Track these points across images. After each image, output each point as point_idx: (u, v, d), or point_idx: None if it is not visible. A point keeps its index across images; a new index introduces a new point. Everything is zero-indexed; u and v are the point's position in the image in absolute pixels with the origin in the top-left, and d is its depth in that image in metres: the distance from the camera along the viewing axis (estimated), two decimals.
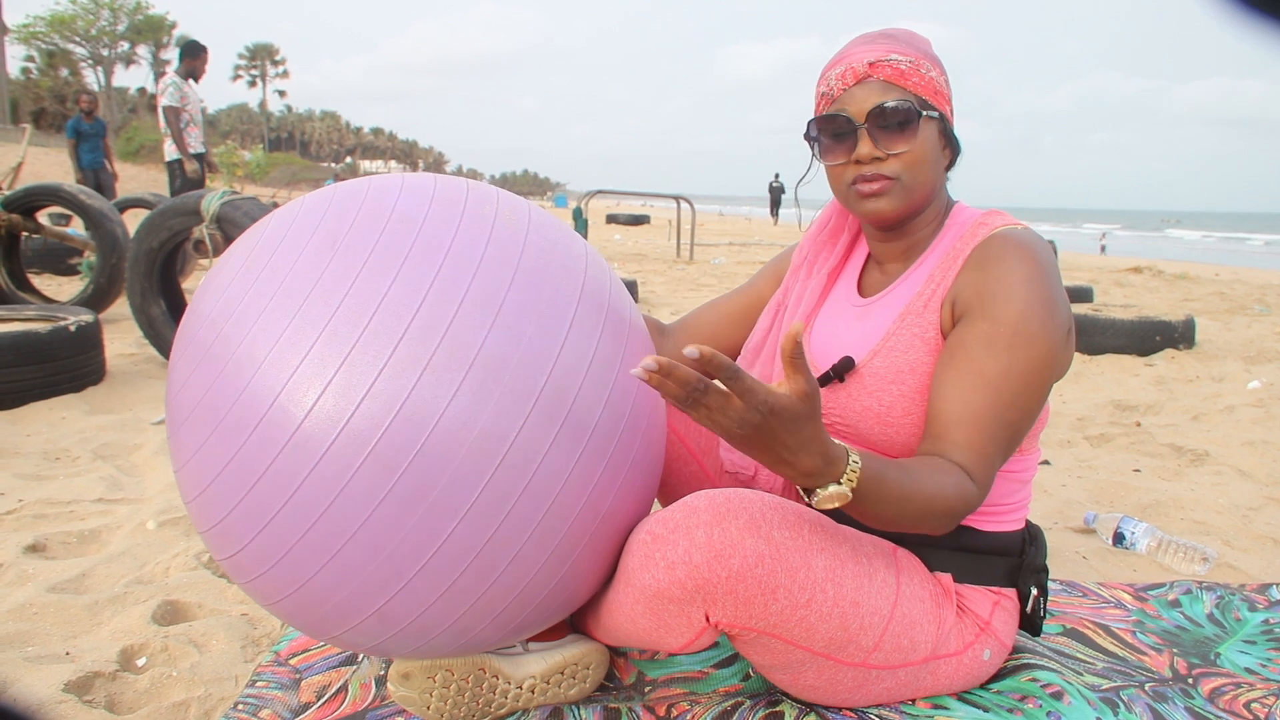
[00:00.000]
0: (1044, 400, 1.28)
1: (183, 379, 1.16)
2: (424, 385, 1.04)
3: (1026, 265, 1.26)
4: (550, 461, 1.10)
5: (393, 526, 1.05)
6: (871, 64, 1.31)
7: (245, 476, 1.08)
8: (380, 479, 1.04)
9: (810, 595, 1.18)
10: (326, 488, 1.04)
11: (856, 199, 1.35)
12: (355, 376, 1.04)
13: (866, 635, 1.24)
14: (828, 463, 1.03)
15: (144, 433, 3.19)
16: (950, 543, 1.37)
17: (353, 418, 1.03)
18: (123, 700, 1.50)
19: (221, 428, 1.09)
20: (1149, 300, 7.71)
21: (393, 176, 1.26)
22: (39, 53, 45.12)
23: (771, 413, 0.97)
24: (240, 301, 1.12)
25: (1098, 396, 3.98)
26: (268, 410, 1.06)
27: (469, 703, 1.33)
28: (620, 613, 1.27)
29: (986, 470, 1.20)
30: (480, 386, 1.06)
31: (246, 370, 1.07)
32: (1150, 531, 2.20)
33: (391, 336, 1.05)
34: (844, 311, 1.48)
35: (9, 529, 2.24)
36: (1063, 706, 1.35)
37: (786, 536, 1.18)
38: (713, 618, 1.18)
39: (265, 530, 1.09)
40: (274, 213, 1.26)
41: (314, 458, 1.04)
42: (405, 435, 1.04)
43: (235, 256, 1.21)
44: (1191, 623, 1.78)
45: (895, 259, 1.44)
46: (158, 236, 4.08)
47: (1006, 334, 1.23)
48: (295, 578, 1.11)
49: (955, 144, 1.39)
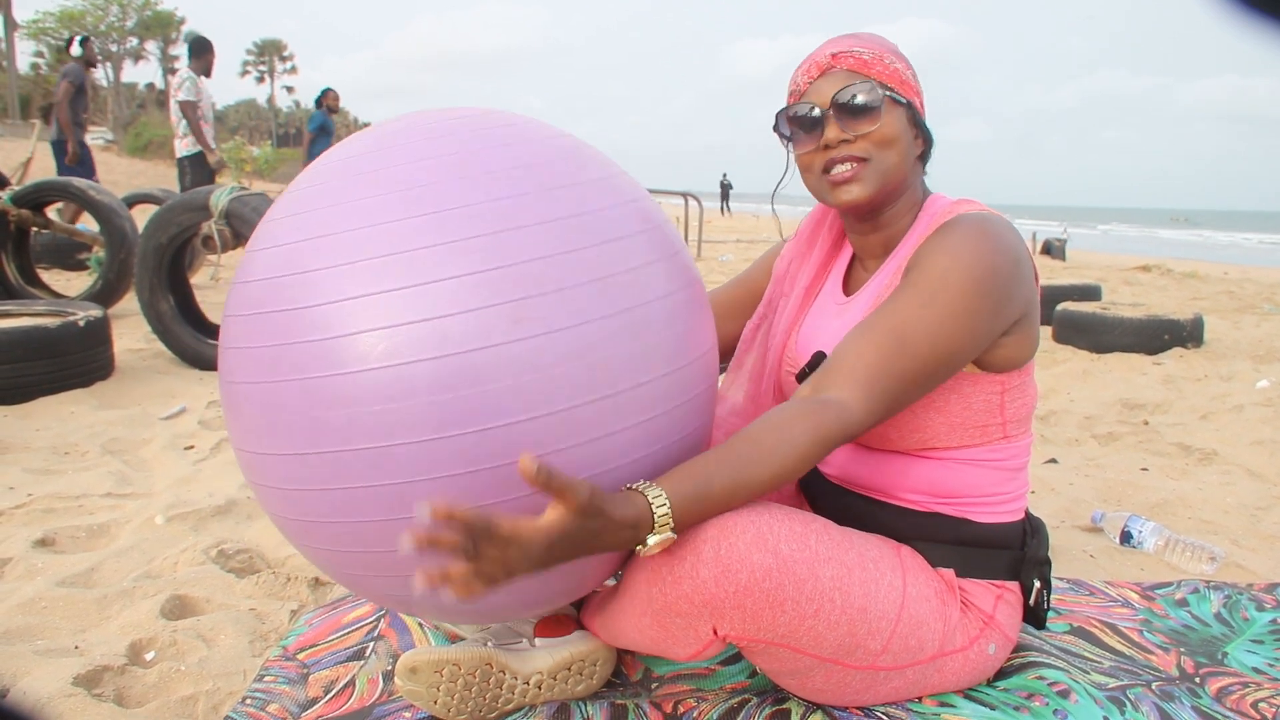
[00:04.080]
0: (945, 365, 1.24)
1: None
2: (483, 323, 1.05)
3: (970, 236, 1.26)
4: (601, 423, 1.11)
5: (441, 470, 1.07)
6: (834, 55, 1.34)
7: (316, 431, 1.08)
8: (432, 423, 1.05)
9: (818, 606, 1.19)
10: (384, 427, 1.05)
11: (829, 188, 1.35)
12: (410, 309, 1.05)
13: (874, 640, 1.24)
14: (634, 526, 1.07)
15: (153, 428, 3.20)
16: (949, 536, 1.37)
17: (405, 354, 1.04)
18: (131, 694, 1.51)
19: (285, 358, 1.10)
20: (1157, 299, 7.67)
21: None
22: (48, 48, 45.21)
23: (558, 540, 1.00)
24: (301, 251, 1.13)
25: (1106, 395, 3.97)
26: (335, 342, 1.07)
27: (476, 698, 1.33)
28: (627, 622, 1.28)
29: (866, 394, 1.19)
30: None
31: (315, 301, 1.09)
32: (1158, 530, 2.20)
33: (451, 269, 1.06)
34: (828, 310, 1.49)
35: (18, 523, 2.25)
36: (1069, 705, 1.35)
37: (793, 549, 1.18)
38: (720, 630, 1.19)
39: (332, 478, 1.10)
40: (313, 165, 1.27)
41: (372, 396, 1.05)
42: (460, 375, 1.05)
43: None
44: (1199, 622, 1.77)
45: (875, 254, 1.45)
46: (166, 232, 4.09)
47: (924, 285, 1.24)
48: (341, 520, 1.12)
49: (927, 134, 1.40)
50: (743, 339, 1.62)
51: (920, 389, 1.25)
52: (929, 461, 1.36)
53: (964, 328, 1.23)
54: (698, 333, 1.25)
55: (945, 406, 1.32)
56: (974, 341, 1.25)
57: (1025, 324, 1.31)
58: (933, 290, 1.23)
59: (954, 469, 1.36)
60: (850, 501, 1.42)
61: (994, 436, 1.36)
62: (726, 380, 1.62)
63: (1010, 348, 1.31)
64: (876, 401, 1.20)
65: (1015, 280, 1.27)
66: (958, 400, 1.33)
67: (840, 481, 1.45)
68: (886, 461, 1.38)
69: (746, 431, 1.18)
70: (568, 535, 1.01)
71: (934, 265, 1.25)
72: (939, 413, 1.33)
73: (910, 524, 1.37)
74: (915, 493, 1.38)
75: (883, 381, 1.20)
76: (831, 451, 1.19)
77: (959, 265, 1.23)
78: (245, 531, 2.21)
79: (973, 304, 1.23)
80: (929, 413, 1.32)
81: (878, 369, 1.20)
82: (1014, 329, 1.30)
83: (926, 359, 1.22)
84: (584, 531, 1.02)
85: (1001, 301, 1.25)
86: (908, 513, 1.38)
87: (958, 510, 1.37)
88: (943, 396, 1.32)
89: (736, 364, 1.62)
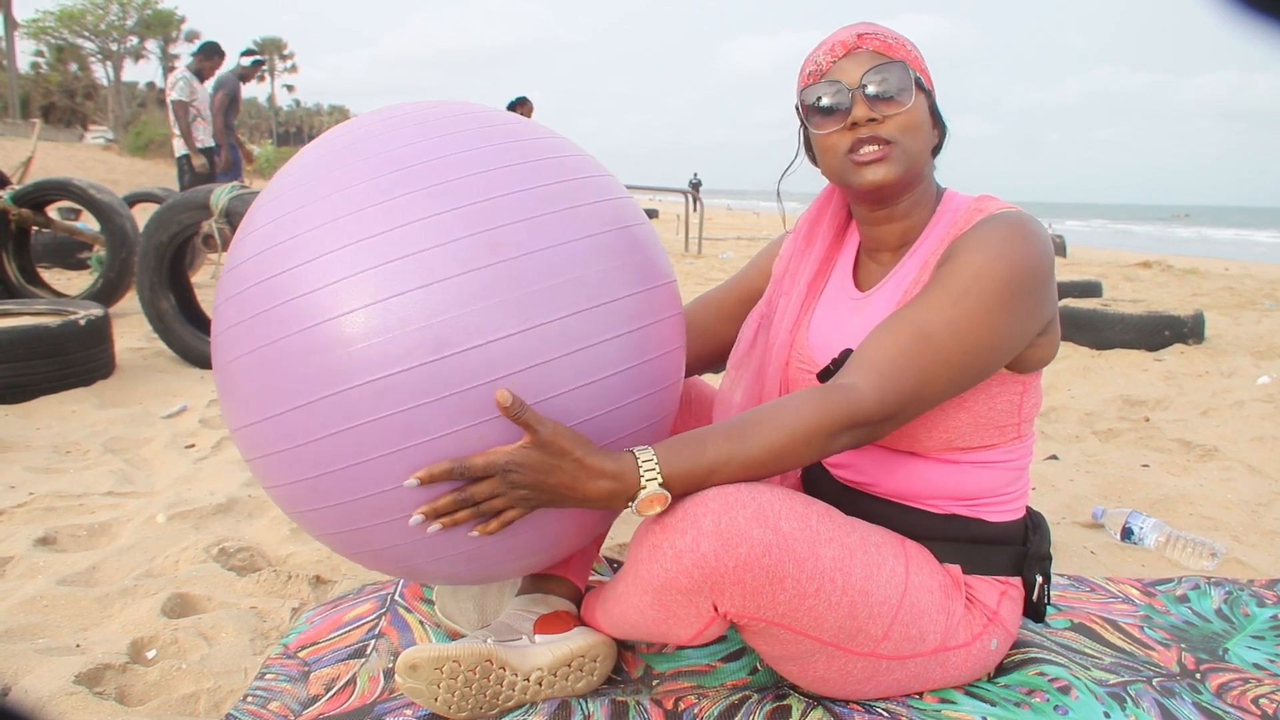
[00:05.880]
0: (974, 364, 1.23)
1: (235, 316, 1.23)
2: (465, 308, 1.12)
3: (1007, 235, 1.25)
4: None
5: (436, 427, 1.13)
6: (860, 35, 1.32)
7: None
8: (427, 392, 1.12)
9: (818, 585, 1.19)
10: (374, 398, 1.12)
11: (854, 169, 1.32)
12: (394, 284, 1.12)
13: (875, 625, 1.24)
14: (616, 478, 1.14)
15: (153, 426, 3.20)
16: (963, 535, 1.37)
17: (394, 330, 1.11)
18: (133, 692, 1.51)
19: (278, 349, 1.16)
20: (1158, 295, 7.67)
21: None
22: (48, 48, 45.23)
23: (518, 466, 1.12)
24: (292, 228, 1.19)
25: (1106, 391, 3.97)
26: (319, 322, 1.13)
27: (476, 695, 1.33)
28: (628, 604, 1.27)
29: (878, 381, 1.19)
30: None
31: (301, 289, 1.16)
32: (1159, 527, 2.20)
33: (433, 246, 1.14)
34: (842, 305, 1.47)
35: (20, 522, 2.25)
36: (1070, 701, 1.35)
37: (794, 527, 1.18)
38: (721, 608, 1.19)
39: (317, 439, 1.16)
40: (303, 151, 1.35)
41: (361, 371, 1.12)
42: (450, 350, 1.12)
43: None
44: (1200, 618, 1.77)
45: (888, 247, 1.42)
46: (167, 231, 4.09)
47: (956, 282, 1.23)
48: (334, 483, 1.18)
49: (943, 125, 1.39)
50: (741, 338, 1.59)
51: (948, 386, 1.23)
52: (949, 465, 1.36)
53: (993, 329, 1.22)
54: (658, 262, 1.34)
55: (973, 405, 1.32)
56: (1008, 342, 1.24)
57: (1054, 325, 1.32)
58: (965, 287, 1.22)
59: (972, 471, 1.36)
60: (870, 506, 1.41)
61: (1009, 436, 1.36)
62: (726, 380, 1.59)
63: (1039, 349, 1.31)
64: (890, 390, 1.19)
65: (1048, 284, 1.27)
66: (985, 400, 1.32)
67: (861, 487, 1.44)
68: (909, 467, 1.37)
69: (754, 408, 1.21)
70: (534, 465, 1.12)
71: (968, 262, 1.24)
72: (966, 411, 1.32)
73: (929, 526, 1.37)
74: (937, 497, 1.37)
75: (900, 372, 1.19)
76: (839, 435, 1.18)
77: (995, 264, 1.22)
78: (246, 530, 2.22)
79: (1007, 304, 1.22)
80: (957, 411, 1.32)
81: (897, 360, 1.20)
82: (1045, 330, 1.30)
83: (951, 356, 1.21)
84: (555, 469, 1.13)
85: (1033, 305, 1.25)
86: (928, 516, 1.38)
87: (973, 511, 1.37)
88: (971, 394, 1.31)
89: (736, 364, 1.58)
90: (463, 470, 1.12)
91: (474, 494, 1.13)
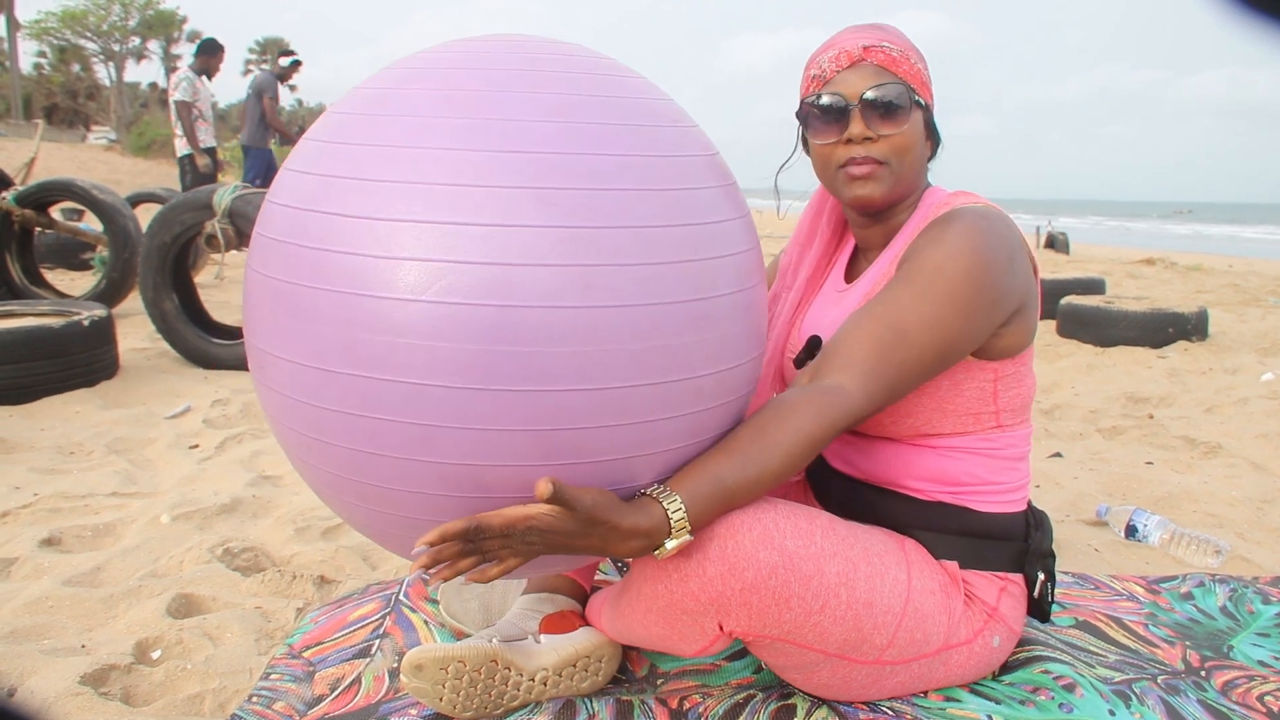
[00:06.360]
0: (942, 356, 1.25)
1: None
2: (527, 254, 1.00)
3: (963, 231, 1.27)
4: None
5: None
6: (866, 48, 1.33)
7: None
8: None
9: (824, 602, 1.19)
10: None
11: (845, 181, 1.36)
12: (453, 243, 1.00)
13: (880, 634, 1.25)
14: (649, 535, 1.10)
15: (157, 427, 3.21)
16: (953, 526, 1.37)
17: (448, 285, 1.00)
18: (138, 693, 1.52)
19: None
20: (1162, 292, 7.66)
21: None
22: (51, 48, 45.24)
23: (543, 532, 1.05)
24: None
25: (1110, 389, 3.97)
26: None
27: (481, 694, 1.33)
28: (633, 619, 1.28)
29: (866, 381, 1.20)
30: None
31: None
32: (1163, 524, 2.19)
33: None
34: (829, 299, 1.51)
35: (24, 523, 2.25)
36: (1075, 699, 1.35)
37: (799, 546, 1.18)
38: (726, 626, 1.19)
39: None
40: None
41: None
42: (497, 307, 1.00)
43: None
44: (1204, 615, 1.77)
45: (876, 245, 1.46)
46: (170, 231, 4.10)
47: (920, 278, 1.25)
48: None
49: (937, 135, 1.42)
50: None
51: (918, 378, 1.26)
52: (928, 450, 1.37)
53: (959, 321, 1.24)
54: (757, 333, 1.24)
55: (935, 392, 1.33)
56: (970, 334, 1.26)
57: (1021, 316, 1.32)
58: (927, 282, 1.24)
59: (952, 457, 1.37)
60: (857, 491, 1.42)
61: (987, 425, 1.37)
62: None
63: (1005, 338, 1.32)
64: (876, 388, 1.21)
65: (1009, 274, 1.28)
66: (949, 386, 1.33)
67: (846, 472, 1.45)
68: (890, 451, 1.39)
69: (752, 422, 1.19)
70: (564, 531, 1.05)
71: (928, 258, 1.26)
72: (930, 398, 1.34)
73: (915, 513, 1.38)
74: (918, 480, 1.38)
75: (882, 370, 1.21)
76: (836, 436, 1.20)
77: (952, 259, 1.24)
78: (250, 530, 2.22)
79: (968, 297, 1.24)
80: (920, 398, 1.33)
81: (877, 358, 1.22)
82: (1011, 320, 1.31)
83: (924, 350, 1.23)
84: (586, 535, 1.06)
85: (996, 295, 1.26)
86: (913, 502, 1.38)
87: (958, 499, 1.38)
88: (934, 382, 1.32)
89: None
90: (478, 531, 1.03)
91: (485, 547, 1.06)
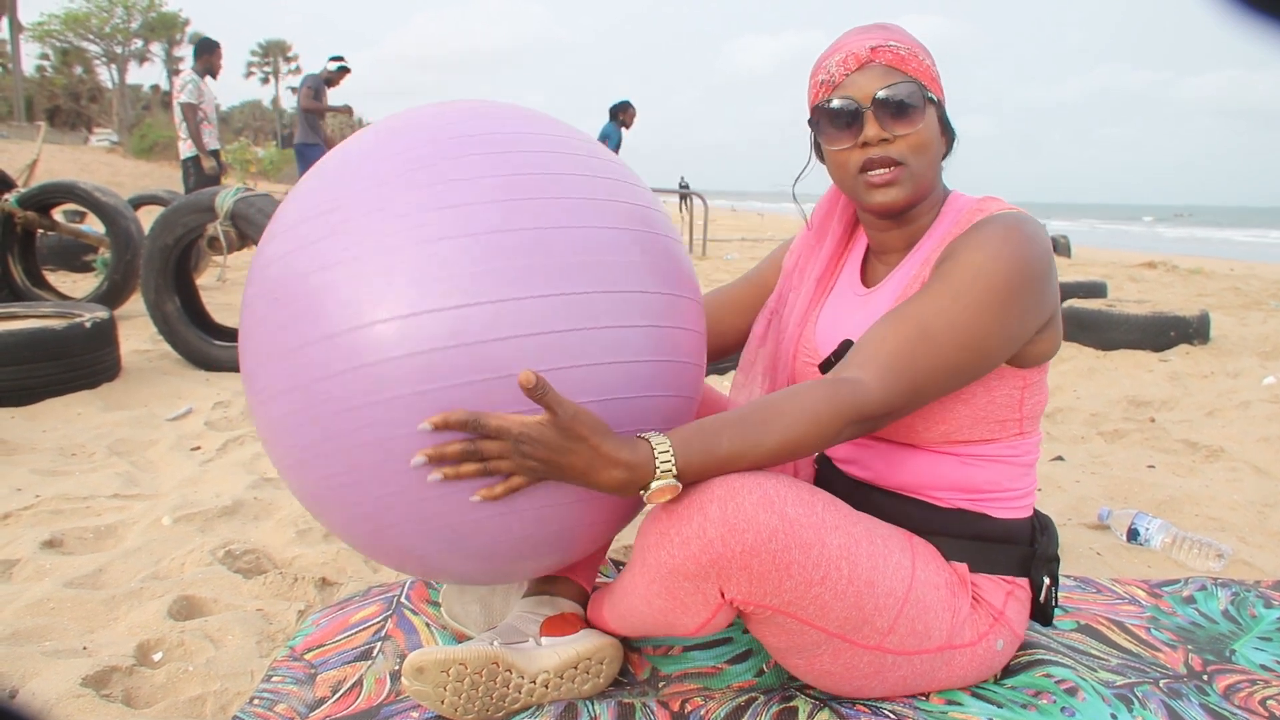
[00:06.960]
0: (973, 360, 1.25)
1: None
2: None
3: (1005, 235, 1.26)
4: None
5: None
6: (873, 49, 1.32)
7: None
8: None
9: (824, 573, 1.19)
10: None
11: (866, 189, 1.35)
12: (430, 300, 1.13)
13: (881, 616, 1.25)
14: (631, 468, 1.12)
15: (159, 429, 3.21)
16: (968, 531, 1.37)
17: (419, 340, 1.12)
18: (139, 695, 1.52)
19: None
20: (1163, 295, 7.66)
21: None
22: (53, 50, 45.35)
23: (532, 441, 1.11)
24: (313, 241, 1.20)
25: (1112, 392, 3.97)
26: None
27: (483, 697, 1.33)
28: (635, 594, 1.28)
29: (883, 375, 1.21)
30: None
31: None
32: (1165, 528, 2.19)
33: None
34: (848, 301, 1.49)
35: (26, 524, 2.26)
36: (1077, 702, 1.35)
37: (800, 513, 1.19)
38: (728, 594, 1.19)
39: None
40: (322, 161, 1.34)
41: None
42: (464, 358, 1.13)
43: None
44: (1206, 619, 1.77)
45: (896, 249, 1.45)
46: (172, 233, 4.10)
47: (956, 280, 1.25)
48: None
49: (951, 131, 1.40)
50: (753, 335, 1.61)
51: (946, 382, 1.25)
52: (952, 458, 1.37)
53: (994, 325, 1.24)
54: (686, 275, 1.35)
55: (971, 399, 1.33)
56: (1006, 339, 1.26)
57: (1054, 322, 1.33)
58: (964, 285, 1.24)
59: (975, 465, 1.37)
60: (878, 500, 1.42)
61: (1011, 432, 1.37)
62: (736, 381, 1.62)
63: (1039, 345, 1.33)
64: (894, 385, 1.21)
65: (1047, 280, 1.28)
66: (983, 393, 1.34)
67: (862, 477, 1.45)
68: (913, 457, 1.39)
69: (763, 398, 1.21)
70: (548, 444, 1.11)
71: (968, 261, 1.26)
72: (965, 404, 1.34)
73: (932, 519, 1.38)
74: (940, 489, 1.38)
75: (902, 367, 1.21)
76: (845, 428, 1.20)
77: (993, 263, 1.24)
78: (252, 532, 2.22)
79: (1005, 302, 1.24)
80: (955, 404, 1.33)
81: (898, 355, 1.22)
82: (1045, 327, 1.31)
83: (951, 352, 1.23)
84: (569, 451, 1.11)
85: (1033, 301, 1.27)
86: (930, 508, 1.39)
87: (977, 506, 1.38)
88: (970, 388, 1.32)
89: (747, 363, 1.61)
90: (476, 423, 1.10)
91: (483, 449, 1.12)
